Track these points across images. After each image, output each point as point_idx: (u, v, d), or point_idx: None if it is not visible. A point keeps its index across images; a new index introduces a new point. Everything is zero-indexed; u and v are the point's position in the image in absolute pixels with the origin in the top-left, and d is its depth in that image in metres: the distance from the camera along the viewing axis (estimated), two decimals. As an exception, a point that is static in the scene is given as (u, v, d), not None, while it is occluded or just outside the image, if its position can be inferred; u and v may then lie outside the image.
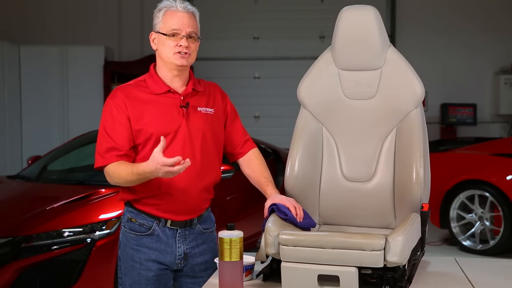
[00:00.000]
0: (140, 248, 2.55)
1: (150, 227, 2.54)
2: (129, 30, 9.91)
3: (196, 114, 2.56)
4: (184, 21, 2.50)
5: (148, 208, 2.54)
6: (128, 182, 2.46)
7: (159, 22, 2.53)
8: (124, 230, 2.60)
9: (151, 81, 2.57)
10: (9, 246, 4.26)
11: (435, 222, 6.62)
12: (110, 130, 2.49)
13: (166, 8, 2.53)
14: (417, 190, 2.46)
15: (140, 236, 2.55)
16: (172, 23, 2.50)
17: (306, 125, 2.67)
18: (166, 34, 2.50)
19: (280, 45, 9.90)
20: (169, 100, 2.54)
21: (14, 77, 8.96)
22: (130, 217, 2.57)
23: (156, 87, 2.55)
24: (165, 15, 2.52)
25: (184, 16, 2.51)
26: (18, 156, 9.00)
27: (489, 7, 9.81)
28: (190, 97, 2.57)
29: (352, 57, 2.60)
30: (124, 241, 2.59)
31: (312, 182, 2.64)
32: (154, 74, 2.58)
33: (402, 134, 2.56)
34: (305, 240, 2.17)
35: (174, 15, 2.51)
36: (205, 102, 2.61)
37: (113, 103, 2.52)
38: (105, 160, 2.48)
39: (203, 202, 2.62)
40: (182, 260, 2.59)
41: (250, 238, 4.18)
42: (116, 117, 2.49)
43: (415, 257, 2.35)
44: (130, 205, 2.59)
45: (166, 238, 2.56)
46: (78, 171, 5.76)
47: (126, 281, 2.59)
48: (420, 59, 8.72)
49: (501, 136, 9.57)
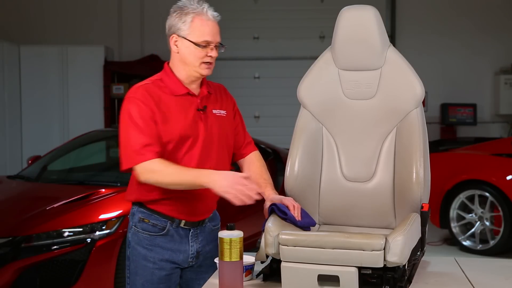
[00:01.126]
0: (153, 247, 2.54)
1: (164, 227, 2.54)
2: (129, 30, 9.92)
3: (212, 117, 2.55)
4: (214, 31, 2.46)
5: (163, 208, 2.52)
6: (175, 185, 2.39)
7: (187, 28, 2.44)
8: (135, 230, 2.56)
9: (169, 81, 2.51)
10: (9, 246, 4.26)
11: (435, 222, 6.62)
12: (143, 126, 2.39)
13: (194, 14, 2.45)
14: (417, 190, 2.46)
15: (153, 236, 2.54)
16: (204, 33, 2.43)
17: (306, 125, 2.67)
18: (197, 43, 2.44)
19: (280, 45, 9.90)
20: (187, 103, 2.50)
21: (14, 77, 8.96)
22: (142, 218, 2.54)
23: (175, 88, 2.50)
24: (194, 21, 2.44)
25: (214, 26, 2.46)
26: (18, 156, 9.00)
27: (489, 7, 9.81)
28: (206, 100, 2.56)
29: (352, 57, 2.60)
30: (136, 240, 2.56)
31: (312, 182, 2.64)
32: (172, 74, 2.52)
33: (402, 134, 2.56)
34: (305, 240, 2.17)
35: (205, 25, 2.44)
36: (218, 105, 2.60)
37: (139, 100, 2.43)
38: (143, 157, 2.37)
39: (215, 202, 2.65)
40: (195, 258, 2.60)
41: (250, 238, 4.17)
42: (145, 113, 2.41)
43: (415, 257, 2.35)
44: (141, 205, 2.56)
45: (180, 237, 2.56)
46: (78, 171, 5.76)
47: (137, 280, 2.57)
48: (420, 59, 8.73)
49: (501, 136, 9.58)
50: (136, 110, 2.41)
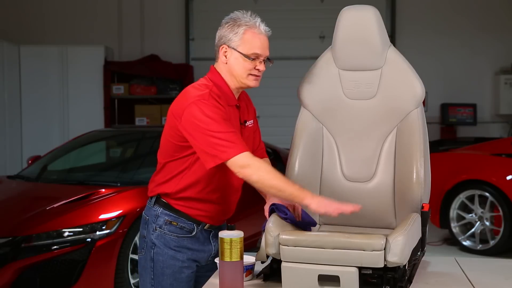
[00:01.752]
0: (181, 249, 2.56)
1: (192, 230, 2.56)
2: (129, 30, 9.91)
3: (246, 129, 2.59)
4: (265, 45, 2.49)
5: (190, 211, 2.54)
6: (271, 187, 2.35)
7: (238, 39, 2.46)
8: (162, 232, 2.55)
9: (225, 90, 2.50)
10: (9, 246, 4.26)
11: (435, 222, 6.62)
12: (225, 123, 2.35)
13: (247, 27, 2.48)
14: (417, 190, 2.46)
15: (181, 238, 2.56)
16: (254, 45, 2.45)
17: (306, 125, 2.67)
18: (247, 56, 2.45)
19: (280, 45, 9.89)
20: (235, 115, 2.53)
21: (14, 77, 8.96)
22: (169, 220, 2.54)
23: (230, 99, 2.51)
24: (245, 34, 2.47)
25: (265, 40, 2.49)
26: (18, 156, 9.00)
27: (489, 7, 9.81)
28: (242, 112, 2.59)
29: (352, 57, 2.60)
30: (163, 242, 2.55)
31: (312, 182, 2.64)
32: (224, 83, 2.51)
33: (403, 134, 2.56)
34: (305, 240, 2.17)
35: (257, 38, 2.47)
36: (247, 115, 2.62)
37: (211, 103, 2.38)
38: (242, 147, 2.32)
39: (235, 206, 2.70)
40: (213, 257, 2.62)
41: (250, 238, 4.17)
42: (224, 113, 2.39)
43: (415, 257, 2.35)
44: (165, 207, 2.55)
45: (203, 238, 2.60)
46: (78, 171, 5.76)
47: (164, 281, 2.56)
48: (420, 59, 8.72)
49: (501, 136, 9.57)
50: (213, 110, 2.36)
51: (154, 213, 2.57)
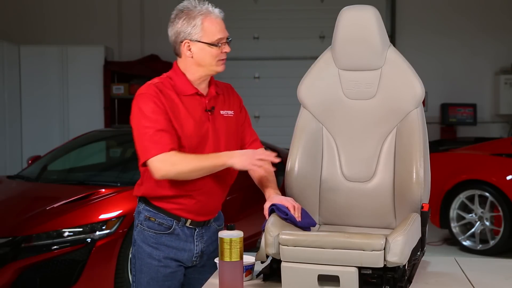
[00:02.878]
0: (159, 246, 2.55)
1: (170, 226, 2.54)
2: (129, 30, 9.92)
3: (220, 117, 2.56)
4: (223, 27, 2.51)
5: (169, 206, 2.53)
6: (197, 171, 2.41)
7: (199, 31, 2.46)
8: (142, 228, 2.57)
9: (179, 81, 2.52)
10: (9, 246, 4.26)
11: (435, 222, 6.62)
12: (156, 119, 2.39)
13: (202, 16, 2.47)
14: (417, 190, 2.46)
15: (159, 234, 2.55)
16: (216, 32, 2.47)
17: (306, 125, 2.67)
18: (212, 43, 2.47)
19: (280, 45, 9.90)
20: (196, 103, 2.52)
21: (14, 77, 8.96)
22: (148, 216, 2.55)
23: (185, 88, 2.51)
24: (204, 23, 2.47)
25: (221, 22, 2.51)
26: (18, 156, 9.01)
27: (489, 7, 9.81)
28: (214, 100, 2.57)
29: (352, 57, 2.60)
30: (141, 238, 2.57)
31: (312, 182, 2.64)
32: (181, 74, 2.53)
33: (402, 134, 2.56)
34: (305, 240, 2.17)
35: (216, 23, 2.48)
36: (226, 105, 2.61)
37: (151, 95, 2.43)
38: (166, 146, 2.37)
39: (221, 202, 2.67)
40: (199, 258, 2.61)
41: (250, 238, 4.18)
42: (160, 108, 2.42)
43: (415, 257, 2.35)
44: (146, 203, 2.57)
45: (185, 236, 2.57)
46: (78, 171, 5.76)
47: (142, 278, 2.57)
48: (420, 59, 8.73)
49: (501, 136, 9.57)
50: (148, 105, 2.41)
51: (138, 210, 2.60)
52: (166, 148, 2.37)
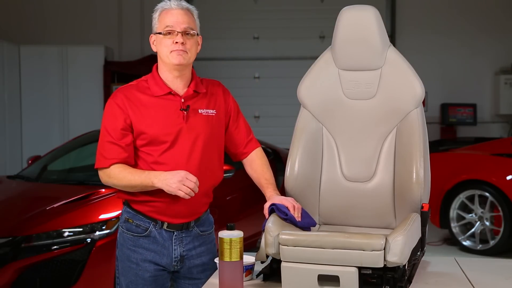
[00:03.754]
0: (136, 248, 2.55)
1: (147, 228, 2.54)
2: (129, 30, 9.92)
3: (197, 116, 2.54)
4: (179, 18, 2.50)
5: (145, 209, 2.53)
6: (127, 187, 2.49)
7: (156, 23, 2.54)
8: (122, 230, 2.60)
9: (152, 82, 2.55)
10: (9, 246, 4.26)
11: (435, 222, 6.62)
12: (112, 130, 2.48)
13: (161, 9, 2.54)
14: (417, 190, 2.46)
15: (136, 237, 2.55)
16: (166, 21, 2.50)
17: (306, 125, 2.67)
18: (162, 33, 2.50)
19: (280, 45, 9.90)
20: (169, 103, 2.52)
21: (14, 77, 8.96)
22: (127, 218, 2.57)
23: (157, 89, 2.53)
24: (160, 15, 2.53)
25: (178, 13, 2.51)
26: (18, 156, 9.01)
27: (489, 7, 9.81)
28: (191, 99, 2.55)
29: (352, 57, 2.60)
30: (121, 241, 2.59)
31: (312, 182, 2.64)
32: (157, 75, 2.56)
33: (402, 134, 2.56)
34: (305, 240, 2.17)
35: (169, 13, 2.51)
36: (206, 104, 2.58)
37: (114, 103, 2.51)
38: (108, 161, 2.47)
39: (201, 206, 2.61)
40: (179, 262, 2.58)
41: (250, 238, 4.18)
42: (118, 118, 2.48)
43: (415, 257, 2.35)
44: (128, 205, 2.59)
45: (163, 240, 2.55)
46: (78, 171, 5.76)
47: (123, 281, 2.59)
48: (420, 59, 8.72)
49: (501, 136, 9.57)
50: (109, 114, 2.51)
51: (122, 211, 2.63)
52: (107, 163, 2.47)
